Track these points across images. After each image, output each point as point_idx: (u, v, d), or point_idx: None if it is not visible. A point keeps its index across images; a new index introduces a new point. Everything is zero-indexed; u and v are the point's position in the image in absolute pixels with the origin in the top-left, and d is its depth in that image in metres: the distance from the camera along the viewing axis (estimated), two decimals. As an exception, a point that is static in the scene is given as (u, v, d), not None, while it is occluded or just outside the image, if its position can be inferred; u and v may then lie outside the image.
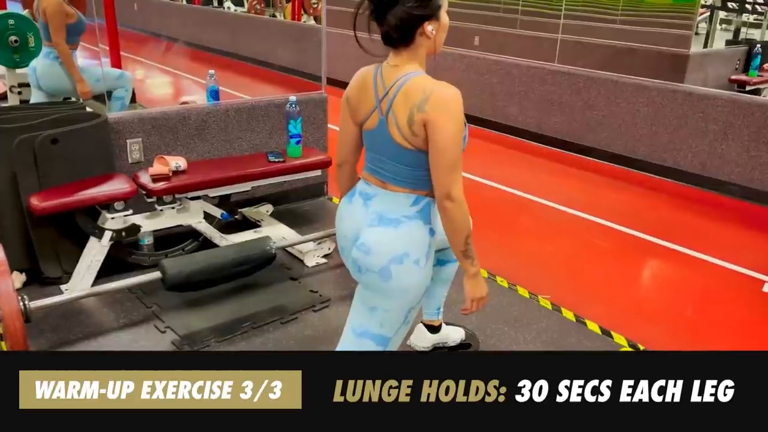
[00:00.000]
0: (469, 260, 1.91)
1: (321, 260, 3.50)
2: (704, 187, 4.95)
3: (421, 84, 1.79)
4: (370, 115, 1.89)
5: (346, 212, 2.04)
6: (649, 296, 3.37)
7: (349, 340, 2.07)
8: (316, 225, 4.00)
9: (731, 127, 4.79)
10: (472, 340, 2.76)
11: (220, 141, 3.82)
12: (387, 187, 1.92)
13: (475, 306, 2.00)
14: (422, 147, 1.80)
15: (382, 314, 1.98)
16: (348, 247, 2.01)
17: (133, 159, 3.49)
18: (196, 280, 2.77)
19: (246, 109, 3.89)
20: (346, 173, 2.16)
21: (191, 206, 3.34)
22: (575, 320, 3.04)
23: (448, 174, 1.79)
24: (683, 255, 3.85)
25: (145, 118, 3.51)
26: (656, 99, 5.18)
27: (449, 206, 1.81)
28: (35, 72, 4.22)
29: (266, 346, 2.73)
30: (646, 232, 4.13)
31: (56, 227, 3.05)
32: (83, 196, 2.95)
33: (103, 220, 3.06)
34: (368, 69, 1.94)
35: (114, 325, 2.84)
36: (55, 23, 4.04)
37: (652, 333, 2.98)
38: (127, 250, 3.26)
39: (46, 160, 2.96)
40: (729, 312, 3.27)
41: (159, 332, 2.79)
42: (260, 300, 3.09)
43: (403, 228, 1.89)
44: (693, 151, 5.02)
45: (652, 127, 5.22)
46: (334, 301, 3.10)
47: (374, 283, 1.92)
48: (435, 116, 1.74)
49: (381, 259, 1.88)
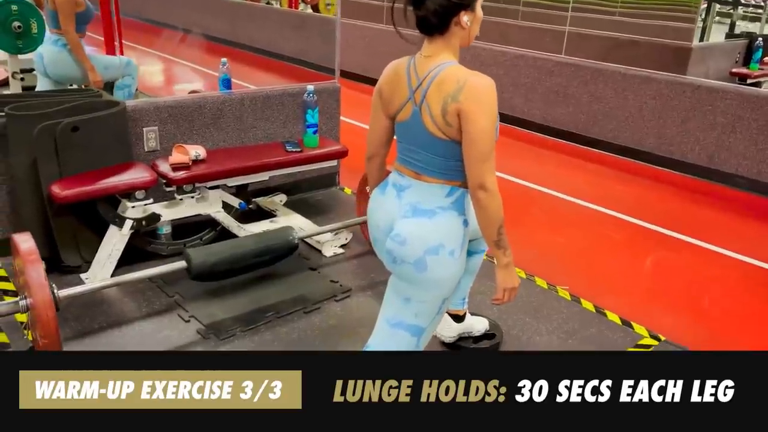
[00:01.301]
0: (502, 250, 1.93)
1: (339, 250, 3.50)
2: (712, 180, 5.00)
3: (455, 74, 1.79)
4: (404, 106, 1.89)
5: (378, 204, 2.03)
6: (664, 287, 3.40)
7: (383, 330, 2.07)
8: (329, 215, 4.00)
9: (739, 120, 4.82)
10: (496, 330, 2.77)
11: (235, 130, 3.80)
12: (421, 178, 1.92)
13: (507, 296, 2.01)
14: (456, 137, 1.81)
15: (417, 305, 1.98)
16: (381, 238, 2.01)
17: (149, 147, 3.46)
18: (220, 269, 2.77)
19: (261, 98, 3.87)
20: (376, 166, 2.16)
21: (210, 195, 3.33)
22: (595, 311, 3.07)
23: (481, 164, 1.79)
24: (695, 246, 3.89)
25: (161, 106, 3.49)
26: (664, 91, 5.20)
27: (482, 196, 1.82)
28: (42, 59, 4.18)
29: (291, 336, 2.73)
30: (656, 223, 4.17)
31: (76, 216, 3.03)
32: (105, 184, 2.93)
33: (123, 208, 3.04)
34: (400, 61, 1.94)
35: (137, 314, 2.83)
36: (65, 11, 3.99)
37: (671, 324, 3.01)
38: (146, 239, 3.25)
39: (67, 147, 2.94)
40: (745, 303, 3.31)
41: (183, 321, 2.79)
42: (281, 290, 3.09)
43: (438, 219, 1.89)
44: (701, 144, 5.06)
45: (659, 120, 5.25)
46: (355, 291, 3.11)
47: (409, 274, 1.93)
48: (468, 106, 1.75)
49: (416, 250, 1.88)
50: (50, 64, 4.17)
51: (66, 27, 4.01)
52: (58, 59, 4.14)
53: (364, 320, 2.87)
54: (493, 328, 2.78)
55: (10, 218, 3.17)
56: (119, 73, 4.43)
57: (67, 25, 4.01)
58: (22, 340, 2.60)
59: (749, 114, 4.77)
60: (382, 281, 3.18)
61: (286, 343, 2.68)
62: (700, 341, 2.87)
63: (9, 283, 3.03)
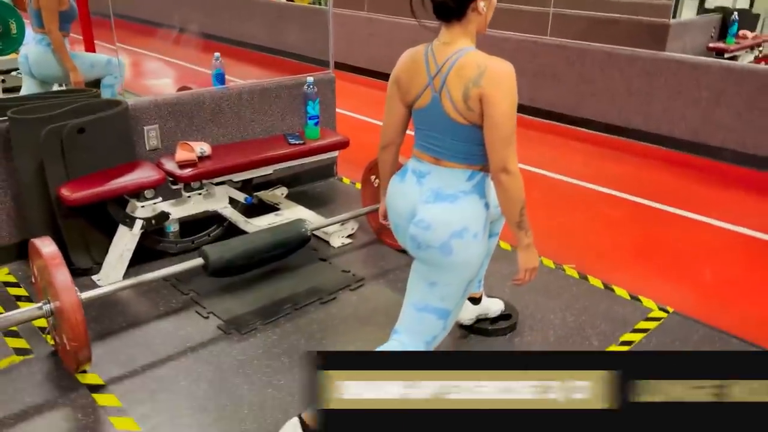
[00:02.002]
0: (524, 231, 1.99)
1: (346, 240, 3.53)
2: (699, 154, 5.11)
3: (475, 59, 1.83)
4: (422, 93, 1.93)
5: (398, 191, 2.07)
6: (666, 261, 3.49)
7: (410, 315, 2.11)
8: (331, 206, 4.03)
9: (723, 94, 4.94)
10: (512, 311, 2.84)
11: (235, 125, 3.79)
12: (441, 163, 1.96)
13: (529, 276, 2.07)
14: (477, 122, 1.85)
15: (443, 288, 2.02)
16: (403, 224, 2.05)
17: (151, 146, 3.44)
18: (237, 264, 2.78)
19: (258, 92, 3.86)
20: (391, 154, 2.20)
21: (216, 191, 3.33)
22: (603, 287, 3.15)
23: (503, 147, 1.84)
24: (691, 220, 4.00)
25: (161, 104, 3.47)
26: (649, 69, 5.29)
27: (505, 179, 1.87)
28: (27, 59, 4.12)
29: (311, 327, 2.76)
30: (651, 199, 4.27)
31: (85, 217, 3.02)
32: (115, 185, 2.92)
33: (132, 208, 3.04)
34: (417, 49, 1.97)
35: (154, 313, 2.84)
36: (50, 10, 3.93)
37: (677, 296, 3.10)
38: (155, 239, 3.24)
39: (73, 149, 2.92)
40: (746, 272, 3.41)
41: (202, 318, 2.80)
42: (295, 282, 3.11)
43: (460, 203, 1.94)
44: (687, 119, 5.17)
45: (646, 97, 5.35)
46: (368, 280, 3.15)
47: (435, 258, 1.97)
48: (491, 91, 1.79)
49: (441, 234, 1.92)
50: (35, 64, 4.11)
51: (50, 26, 3.95)
52: (43, 59, 4.08)
53: (380, 308, 2.92)
54: (509, 308, 2.84)
55: (15, 222, 3.14)
56: (105, 71, 4.38)
57: (51, 24, 3.95)
58: (41, 344, 2.60)
59: (733, 88, 4.88)
60: (392, 269, 3.25)
61: (307, 334, 2.71)
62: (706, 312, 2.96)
63: (20, 288, 3.00)
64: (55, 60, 4.06)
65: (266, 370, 2.47)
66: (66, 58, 4.05)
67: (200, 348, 2.60)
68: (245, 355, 2.56)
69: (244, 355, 2.56)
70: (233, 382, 2.41)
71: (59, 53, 4.03)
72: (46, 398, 2.31)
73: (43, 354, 2.54)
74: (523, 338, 2.73)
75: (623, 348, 2.67)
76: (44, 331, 2.63)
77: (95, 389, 2.35)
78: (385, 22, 7.50)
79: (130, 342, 2.63)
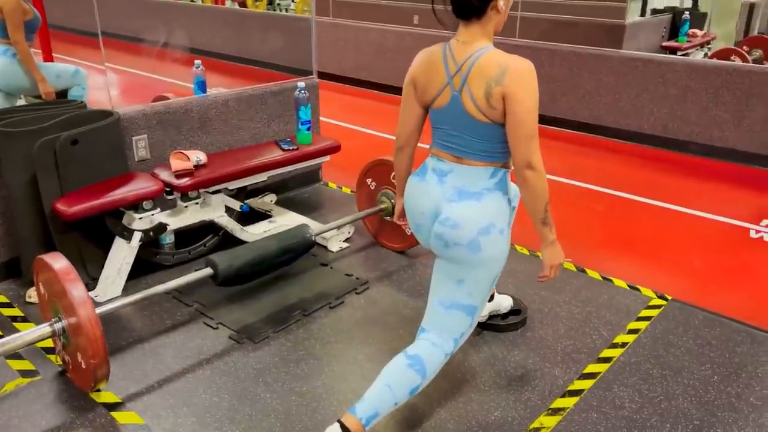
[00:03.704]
0: (548, 228, 2.03)
1: (344, 244, 3.51)
2: (668, 148, 5.31)
3: (495, 58, 1.86)
4: (441, 92, 1.95)
5: (418, 190, 2.08)
6: (656, 251, 3.60)
7: (438, 313, 2.12)
8: (320, 210, 4.01)
9: (689, 90, 5.14)
10: (521, 306, 2.88)
11: (222, 132, 3.73)
12: (463, 161, 1.98)
13: (554, 272, 2.13)
14: (499, 120, 1.88)
15: (471, 285, 2.05)
16: (425, 224, 2.06)
17: (140, 156, 3.36)
18: (245, 272, 2.73)
19: (245, 99, 3.82)
20: (407, 156, 2.21)
21: (213, 200, 3.27)
22: (601, 279, 3.23)
23: (527, 144, 1.88)
24: (670, 210, 4.14)
25: (149, 113, 3.38)
26: (617, 68, 5.47)
27: (530, 175, 1.91)
28: None
29: (324, 332, 2.74)
30: (631, 192, 4.41)
31: (81, 231, 2.92)
32: (113, 197, 2.83)
33: (129, 220, 2.95)
34: (433, 49, 1.99)
35: (161, 327, 2.77)
36: (14, 20, 3.81)
37: (671, 283, 3.21)
38: (151, 251, 3.16)
39: (67, 162, 2.82)
40: (732, 258, 3.56)
41: (212, 329, 2.74)
42: (300, 288, 3.08)
43: (485, 200, 1.97)
44: (655, 115, 5.35)
45: (615, 95, 5.52)
46: (373, 282, 3.14)
47: (463, 256, 1.99)
48: (514, 89, 1.82)
49: (470, 231, 1.95)
50: (1, 76, 3.96)
51: (15, 36, 3.83)
52: (9, 71, 3.95)
53: (389, 309, 2.92)
54: (517, 304, 2.88)
55: (4, 241, 3.01)
56: (71, 82, 4.26)
57: (16, 35, 3.82)
58: (47, 365, 2.50)
59: (698, 84, 5.08)
60: (394, 271, 3.26)
61: (321, 339, 2.69)
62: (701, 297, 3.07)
63: (13, 308, 2.88)
64: (22, 71, 3.94)
65: (286, 378, 2.44)
66: (34, 68, 3.93)
67: (215, 359, 2.55)
68: (262, 364, 2.52)
69: (260, 364, 2.52)
70: (255, 392, 2.37)
71: (26, 64, 3.91)
72: (62, 420, 2.22)
73: (50, 375, 2.44)
74: (534, 332, 2.77)
75: (630, 337, 2.75)
76: (49, 351, 2.53)
77: (113, 407, 2.27)
78: (351, 27, 7.51)
79: (141, 357, 2.55)
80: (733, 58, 6.22)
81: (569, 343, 2.69)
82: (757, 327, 2.83)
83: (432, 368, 2.06)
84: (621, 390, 2.41)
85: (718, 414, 2.29)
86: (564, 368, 2.53)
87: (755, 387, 2.44)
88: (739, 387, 2.44)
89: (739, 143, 4.99)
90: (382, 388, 1.98)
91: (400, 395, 2.00)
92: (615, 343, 2.70)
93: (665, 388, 2.43)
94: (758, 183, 4.70)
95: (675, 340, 2.72)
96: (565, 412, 2.29)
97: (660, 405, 2.33)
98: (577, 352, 2.63)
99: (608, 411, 2.30)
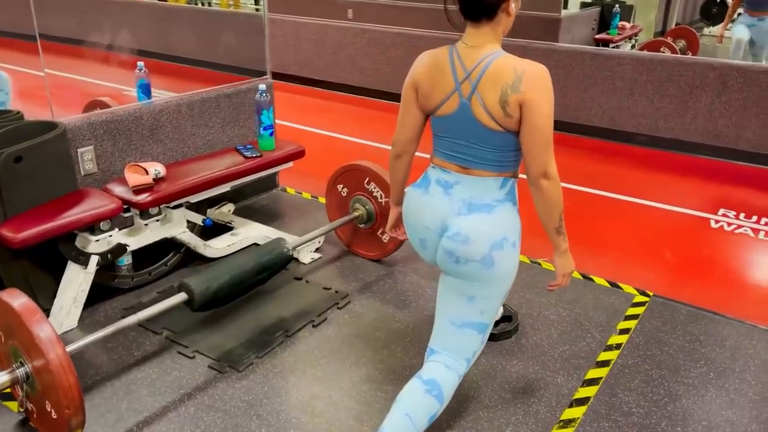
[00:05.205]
0: (562, 236, 1.96)
1: (315, 255, 3.33)
2: (616, 140, 5.40)
3: (509, 63, 1.76)
4: (447, 99, 1.83)
5: (422, 203, 1.96)
6: (627, 245, 3.62)
7: (449, 333, 2.01)
8: (282, 219, 3.81)
9: (636, 83, 5.23)
10: (511, 312, 2.80)
11: (174, 140, 3.46)
12: (470, 172, 1.87)
13: (566, 281, 2.06)
14: (514, 128, 1.78)
15: (483, 302, 1.95)
16: (432, 239, 1.94)
17: (86, 170, 3.04)
18: (222, 295, 2.51)
19: (198, 103, 3.55)
20: (405, 163, 2.10)
21: (174, 215, 3.01)
22: (582, 278, 3.20)
23: (544, 152, 1.79)
24: (627, 203, 4.19)
25: (95, 122, 3.07)
26: (565, 61, 5.51)
27: (546, 184, 1.83)
28: None
29: (312, 353, 2.56)
30: (591, 187, 4.43)
31: (27, 258, 2.61)
32: (66, 219, 2.54)
33: (84, 243, 2.66)
34: (438, 52, 1.86)
35: (130, 359, 2.51)
36: None
37: (647, 279, 3.22)
38: (109, 274, 2.88)
39: (10, 181, 2.51)
40: (699, 248, 3.62)
41: (188, 358, 2.51)
42: (277, 306, 2.88)
43: (496, 212, 1.87)
44: (603, 108, 5.43)
45: (563, 89, 5.55)
46: (353, 295, 2.98)
47: (476, 271, 1.88)
48: (532, 95, 1.73)
49: (482, 246, 1.84)
50: None
51: None
52: None
53: (377, 323, 2.78)
54: (508, 310, 2.80)
55: (-65, 273, 2.65)
56: None
57: None
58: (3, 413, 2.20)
59: (644, 77, 5.19)
60: (374, 281, 3.12)
61: (310, 361, 2.51)
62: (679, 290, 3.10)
63: (-48, 349, 2.53)
64: (-63, 78, 3.51)
65: (281, 409, 2.25)
66: None
67: (197, 393, 2.33)
68: (251, 395, 2.32)
69: (249, 395, 2.32)
70: (249, 427, 2.17)
71: None
72: (31, 479, 1.96)
73: (10, 425, 2.15)
74: (528, 339, 2.70)
75: (623, 337, 2.72)
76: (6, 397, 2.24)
77: (89, 459, 2.03)
78: (287, 22, 7.25)
79: (112, 397, 2.29)
80: (663, 49, 6.44)
81: (565, 348, 2.64)
82: (739, 319, 2.87)
83: (448, 392, 1.95)
84: (626, 395, 2.37)
85: (723, 413, 2.29)
86: (566, 375, 2.46)
87: (751, 382, 2.46)
88: (737, 383, 2.45)
89: (683, 134, 5.14)
90: (402, 418, 1.85)
91: (420, 424, 1.87)
92: (609, 345, 2.66)
93: (667, 389, 2.41)
94: (705, 172, 4.84)
95: (666, 338, 2.72)
96: (577, 422, 2.22)
97: (666, 408, 2.31)
98: (575, 357, 2.58)
99: (618, 418, 2.25)
